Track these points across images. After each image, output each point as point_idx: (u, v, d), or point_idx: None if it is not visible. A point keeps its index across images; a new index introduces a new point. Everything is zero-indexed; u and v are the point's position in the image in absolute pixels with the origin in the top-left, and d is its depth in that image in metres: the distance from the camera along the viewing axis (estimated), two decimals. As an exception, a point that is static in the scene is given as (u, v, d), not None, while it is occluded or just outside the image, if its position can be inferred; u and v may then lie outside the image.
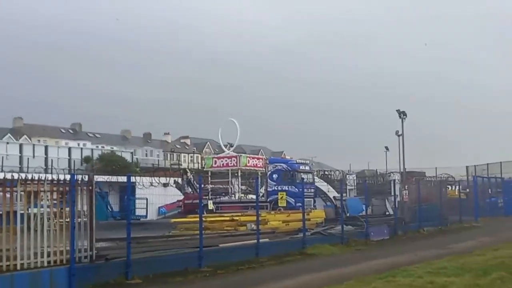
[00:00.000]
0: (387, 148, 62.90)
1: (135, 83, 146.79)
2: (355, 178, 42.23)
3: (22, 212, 13.45)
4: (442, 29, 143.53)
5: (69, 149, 61.42)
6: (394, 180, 31.95)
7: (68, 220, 13.93)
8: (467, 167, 51.23)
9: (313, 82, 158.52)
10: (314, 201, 33.05)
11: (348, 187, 37.60)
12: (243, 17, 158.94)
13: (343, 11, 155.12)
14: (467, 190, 40.97)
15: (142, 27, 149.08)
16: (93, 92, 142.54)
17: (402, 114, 46.27)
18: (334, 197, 34.62)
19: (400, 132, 47.53)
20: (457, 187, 39.39)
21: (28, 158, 52.01)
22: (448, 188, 38.91)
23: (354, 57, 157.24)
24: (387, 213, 30.97)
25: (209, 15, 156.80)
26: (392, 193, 29.77)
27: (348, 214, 27.85)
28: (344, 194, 30.19)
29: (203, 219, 19.27)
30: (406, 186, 32.16)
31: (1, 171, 36.50)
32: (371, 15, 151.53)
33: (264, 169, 36.31)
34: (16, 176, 15.77)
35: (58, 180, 14.68)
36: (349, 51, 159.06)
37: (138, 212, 35.13)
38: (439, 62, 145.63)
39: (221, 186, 37.29)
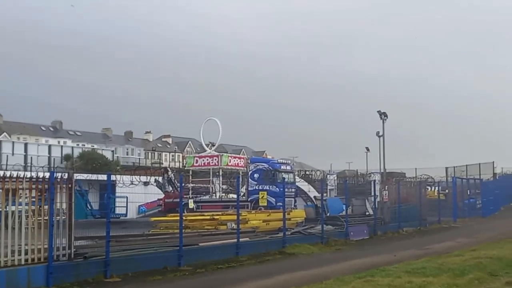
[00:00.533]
0: (367, 148, 63.41)
1: (117, 82, 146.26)
2: (335, 178, 42.32)
3: (0, 210, 13.30)
4: (424, 32, 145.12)
5: (49, 146, 60.89)
6: (374, 181, 32.09)
7: (46, 218, 13.82)
8: (446, 168, 51.78)
9: (295, 83, 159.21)
10: (295, 201, 33.11)
11: (329, 187, 37.69)
12: (224, 15, 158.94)
13: (324, 10, 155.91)
14: (446, 191, 41.35)
15: (123, 25, 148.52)
16: (74, 90, 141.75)
17: (383, 115, 46.72)
18: (314, 197, 34.73)
19: (380, 133, 48.00)
20: (436, 188, 39.72)
21: (7, 156, 51.42)
22: (428, 189, 39.26)
23: (335, 58, 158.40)
24: (367, 213, 31.08)
25: (192, 14, 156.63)
26: (372, 193, 29.91)
27: (328, 214, 27.94)
28: (325, 194, 30.28)
29: (183, 218, 19.22)
30: (386, 187, 32.36)
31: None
32: (353, 15, 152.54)
33: (245, 168, 36.28)
34: (-6, 173, 15.62)
35: (37, 177, 14.55)
36: (329, 52, 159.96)
37: (118, 210, 34.87)
38: (419, 66, 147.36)
39: (202, 185, 37.19)
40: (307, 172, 53.17)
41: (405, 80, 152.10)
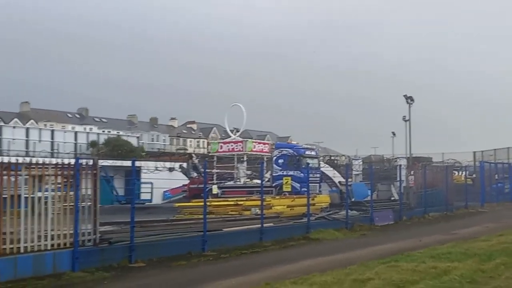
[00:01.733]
0: (394, 133, 62.86)
1: (142, 69, 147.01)
2: (361, 163, 42.05)
3: (27, 195, 13.50)
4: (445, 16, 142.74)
5: (76, 133, 61.45)
6: (400, 166, 31.77)
7: (72, 204, 13.99)
8: (474, 152, 50.99)
9: (320, 68, 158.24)
10: (320, 186, 32.97)
11: (354, 172, 37.48)
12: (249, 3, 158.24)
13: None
14: (474, 175, 40.81)
15: (146, 15, 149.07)
16: (100, 77, 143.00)
17: (409, 100, 46.14)
18: (339, 182, 34.53)
19: (407, 118, 47.45)
20: (464, 172, 39.22)
21: (34, 143, 52.09)
22: (455, 173, 38.77)
23: (362, 43, 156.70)
24: (392, 198, 30.87)
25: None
26: (398, 179, 29.64)
27: (353, 199, 27.80)
28: (350, 179, 30.11)
29: (207, 203, 19.28)
30: (412, 172, 32.04)
31: (7, 155, 36.55)
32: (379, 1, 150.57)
33: (270, 154, 36.19)
34: (21, 160, 15.86)
35: (63, 164, 14.72)
36: (356, 38, 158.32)
37: (143, 196, 35.19)
38: (443, 50, 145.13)
39: (226, 171, 37.24)
40: (332, 157, 52.92)
41: (430, 64, 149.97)
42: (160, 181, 31.00)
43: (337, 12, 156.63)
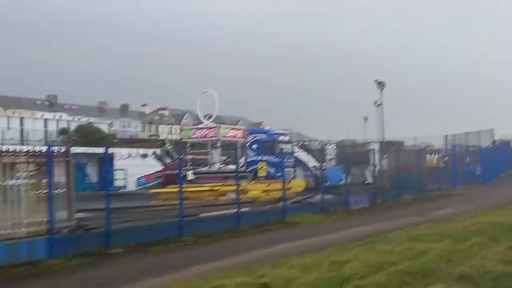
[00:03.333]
0: (366, 118, 63.35)
1: (110, 56, 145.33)
2: (334, 147, 42.25)
3: (-1, 184, 13.25)
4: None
5: (45, 120, 60.51)
6: (374, 149, 32.02)
7: (46, 191, 13.76)
8: (445, 136, 51.62)
9: (296, 50, 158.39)
10: (295, 171, 33.08)
11: (328, 157, 37.65)
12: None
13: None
14: (446, 158, 41.33)
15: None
16: (69, 65, 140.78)
17: (380, 84, 46.44)
18: (314, 166, 34.68)
19: (379, 102, 47.78)
20: (436, 155, 39.69)
21: (2, 130, 51.16)
22: (427, 156, 39.22)
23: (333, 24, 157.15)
24: (367, 182, 31.13)
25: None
26: (372, 162, 29.87)
27: (328, 183, 27.95)
28: (324, 164, 30.26)
29: (183, 189, 19.18)
30: (385, 155, 32.33)
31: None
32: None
33: (243, 139, 36.15)
34: (-9, 147, 15.53)
35: (34, 151, 14.47)
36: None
37: (117, 183, 34.90)
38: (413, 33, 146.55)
39: (200, 157, 37.10)
40: (305, 142, 53.03)
41: (399, 46, 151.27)
42: (134, 167, 30.80)
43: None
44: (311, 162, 35.95)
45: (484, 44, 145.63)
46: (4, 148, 15.36)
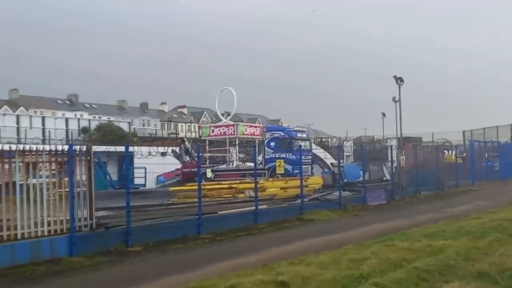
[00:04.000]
0: (384, 114, 63.05)
1: (130, 55, 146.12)
2: (352, 144, 42.22)
3: (22, 183, 13.49)
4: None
5: (66, 119, 61.13)
6: (391, 146, 31.93)
7: (67, 190, 14.00)
8: (463, 131, 51.30)
9: (312, 48, 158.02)
10: (312, 168, 33.12)
11: (346, 154, 37.66)
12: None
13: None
14: (464, 154, 41.07)
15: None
16: (89, 64, 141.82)
17: (399, 80, 46.15)
18: (331, 163, 34.69)
19: (397, 98, 47.50)
20: (454, 151, 39.46)
21: (25, 130, 51.82)
22: (445, 153, 39.03)
23: (348, 23, 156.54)
24: (384, 178, 31.08)
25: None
26: (389, 159, 29.81)
27: (345, 180, 27.95)
28: (342, 161, 30.27)
29: (202, 187, 19.35)
30: (403, 152, 32.23)
31: (-1, 143, 36.34)
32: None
33: (261, 137, 36.25)
34: (13, 147, 15.82)
35: (56, 150, 14.71)
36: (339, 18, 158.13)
37: (137, 181, 35.22)
38: (431, 27, 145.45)
39: (219, 155, 37.26)
40: (323, 139, 53.00)
41: (418, 42, 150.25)
42: (153, 165, 31.03)
43: None
44: (329, 159, 35.98)
45: (504, 39, 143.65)
46: (27, 147, 15.61)
